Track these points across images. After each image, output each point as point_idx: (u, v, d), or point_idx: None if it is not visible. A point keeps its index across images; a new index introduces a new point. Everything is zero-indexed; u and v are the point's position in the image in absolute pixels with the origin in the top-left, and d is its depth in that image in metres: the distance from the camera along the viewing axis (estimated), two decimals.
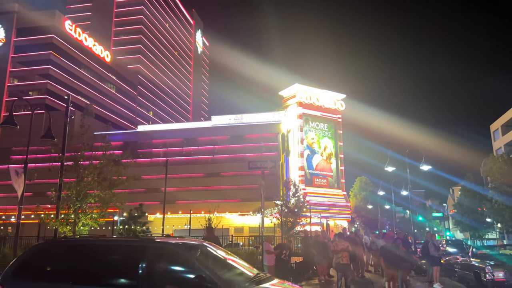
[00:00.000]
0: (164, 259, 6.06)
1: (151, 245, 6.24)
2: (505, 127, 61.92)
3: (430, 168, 19.60)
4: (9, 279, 6.01)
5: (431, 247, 13.91)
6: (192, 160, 59.42)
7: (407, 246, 13.53)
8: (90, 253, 6.26)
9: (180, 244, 6.47)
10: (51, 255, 6.43)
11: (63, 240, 7.15)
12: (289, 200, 37.71)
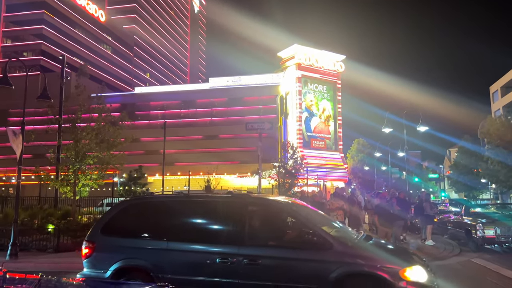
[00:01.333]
0: (268, 215, 5.93)
1: (252, 201, 6.13)
2: (504, 88, 61.55)
3: (427, 129, 19.71)
4: (99, 236, 6.00)
5: (427, 206, 14.28)
6: (190, 122, 59.38)
7: (406, 205, 13.75)
8: (183, 210, 6.12)
9: (284, 201, 6.40)
10: (140, 211, 6.34)
11: (152, 196, 7.00)
12: (287, 162, 38.15)
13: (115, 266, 5.67)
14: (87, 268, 5.93)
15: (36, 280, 3.40)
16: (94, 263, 5.88)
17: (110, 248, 5.92)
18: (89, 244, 5.99)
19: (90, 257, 5.93)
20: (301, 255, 5.21)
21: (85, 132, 14.34)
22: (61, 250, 12.11)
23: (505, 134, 42.07)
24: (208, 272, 5.36)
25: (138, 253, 5.73)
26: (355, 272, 5.02)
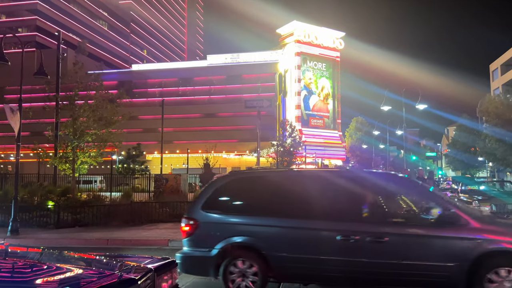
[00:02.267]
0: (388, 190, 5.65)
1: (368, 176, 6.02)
2: (504, 66, 61.12)
3: (426, 107, 19.66)
4: (200, 213, 5.70)
5: (431, 183, 14.43)
6: (189, 100, 59.04)
7: None
8: (294, 185, 5.81)
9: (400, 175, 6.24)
10: (245, 187, 6.00)
11: (258, 171, 6.71)
12: (285, 140, 38.26)
13: (222, 244, 5.39)
14: (189, 247, 5.68)
15: (38, 254, 3.44)
16: (197, 242, 5.62)
17: (214, 225, 5.63)
18: (190, 221, 5.68)
19: (192, 235, 5.65)
20: (434, 232, 5.00)
21: (83, 110, 14.28)
22: (61, 226, 12.24)
23: (504, 112, 42.05)
24: (327, 250, 5.11)
25: (247, 231, 5.47)
26: (495, 249, 4.82)
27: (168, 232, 11.20)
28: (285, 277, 5.49)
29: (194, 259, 5.63)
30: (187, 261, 5.63)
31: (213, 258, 5.37)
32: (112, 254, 3.71)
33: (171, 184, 16.59)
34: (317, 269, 5.16)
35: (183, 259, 5.61)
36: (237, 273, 5.28)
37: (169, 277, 3.36)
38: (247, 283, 5.22)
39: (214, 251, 5.41)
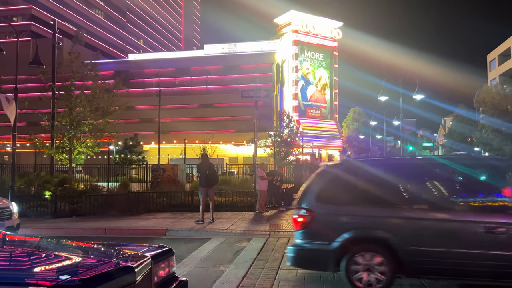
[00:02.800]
0: None
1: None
2: (502, 57, 61.11)
3: (423, 97, 19.69)
4: (315, 204, 5.36)
5: None
6: (185, 90, 58.81)
7: None
8: (424, 174, 5.47)
9: None
10: (361, 176, 5.55)
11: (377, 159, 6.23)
12: (282, 130, 38.23)
13: (344, 237, 5.03)
14: (304, 240, 5.32)
15: (36, 242, 3.46)
16: (313, 234, 5.26)
17: (334, 217, 5.29)
18: (304, 212, 5.32)
19: (307, 227, 5.28)
20: None
21: (79, 100, 14.22)
22: (58, 216, 12.28)
23: (500, 103, 42.18)
24: (469, 244, 4.78)
25: (372, 223, 5.13)
26: None
27: (166, 222, 11.26)
28: (416, 271, 5.02)
29: (310, 253, 5.28)
30: (301, 254, 5.34)
31: (333, 252, 5.05)
32: (109, 242, 3.74)
33: (168, 174, 16.61)
34: (456, 263, 4.80)
35: (297, 252, 5.34)
36: (362, 267, 4.94)
37: (166, 265, 3.40)
38: (374, 278, 4.90)
39: (335, 244, 5.06)
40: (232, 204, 13.74)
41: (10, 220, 8.20)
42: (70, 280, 2.27)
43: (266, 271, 6.17)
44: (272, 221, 11.44)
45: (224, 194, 14.16)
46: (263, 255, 7.38)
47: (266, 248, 7.97)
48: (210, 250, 7.91)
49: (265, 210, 13.23)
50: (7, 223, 8.11)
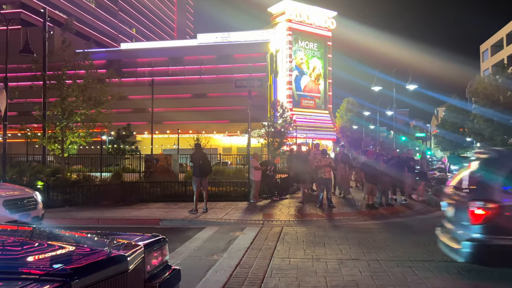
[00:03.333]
0: None
1: None
2: (494, 47, 61.33)
3: (416, 87, 19.75)
4: (502, 194, 4.89)
5: (424, 164, 14.66)
6: (179, 80, 58.41)
7: (403, 164, 13.52)
8: None
9: None
10: None
11: None
12: (276, 121, 38.14)
13: None
14: (485, 234, 4.84)
15: (29, 232, 3.45)
16: (500, 228, 4.79)
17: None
18: (487, 204, 4.83)
19: (490, 220, 4.80)
20: None
21: (71, 89, 14.08)
22: (51, 206, 12.20)
23: (492, 93, 42.45)
24: None
25: None
26: None
27: (159, 212, 11.27)
28: None
29: (498, 248, 4.83)
30: (485, 250, 4.89)
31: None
32: (102, 232, 3.74)
33: (161, 164, 16.57)
34: None
35: (477, 248, 4.89)
36: None
37: (159, 254, 3.41)
38: None
39: None
40: (225, 194, 13.76)
41: (36, 210, 7.89)
42: (62, 268, 2.27)
43: (259, 260, 6.22)
44: (265, 210, 11.50)
45: (218, 184, 14.16)
46: (256, 244, 7.42)
47: (259, 237, 8.02)
48: (203, 239, 7.94)
49: (259, 200, 13.28)
50: (32, 213, 7.82)
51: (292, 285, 5.01)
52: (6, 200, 7.40)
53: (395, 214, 11.12)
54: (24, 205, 7.74)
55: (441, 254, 6.45)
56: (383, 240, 7.77)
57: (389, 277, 5.29)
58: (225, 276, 5.40)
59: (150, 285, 3.11)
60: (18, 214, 7.47)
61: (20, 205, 7.64)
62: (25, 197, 7.86)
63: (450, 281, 5.18)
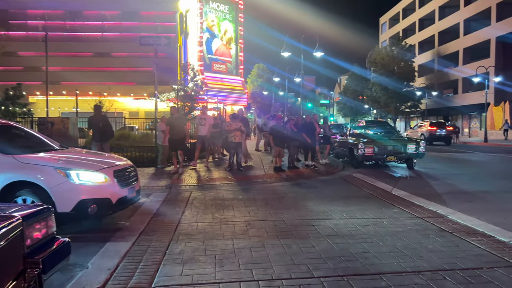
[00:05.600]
0: None
1: None
2: (392, 20, 66.08)
3: (322, 54, 20.44)
4: None
5: (326, 128, 15.33)
6: (78, 36, 53.32)
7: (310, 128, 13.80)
8: None
9: None
10: None
11: None
12: (187, 84, 37.11)
13: None
14: None
15: None
16: None
17: None
18: None
19: None
20: None
21: None
22: None
23: (389, 63, 46.09)
24: None
25: None
26: None
27: None
28: None
29: None
30: None
31: None
32: None
33: (58, 128, 15.10)
34: None
35: None
36: None
37: (43, 226, 2.98)
38: None
39: None
40: (131, 160, 12.98)
41: (137, 182, 6.67)
42: None
43: (165, 226, 5.97)
44: (173, 176, 11.16)
45: (123, 149, 13.38)
46: (162, 210, 7.15)
47: (166, 203, 7.75)
48: None
49: (167, 165, 12.86)
50: (136, 186, 6.55)
51: (199, 249, 4.87)
52: (115, 171, 5.99)
53: (301, 176, 11.56)
54: (130, 176, 6.39)
55: (340, 210, 6.84)
56: (289, 200, 8.00)
57: (293, 235, 5.42)
58: (127, 245, 5.06)
59: (31, 261, 2.71)
60: (127, 189, 6.11)
61: (127, 176, 6.27)
62: (127, 165, 6.51)
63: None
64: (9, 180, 5.33)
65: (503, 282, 3.73)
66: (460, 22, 46.44)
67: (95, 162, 6.14)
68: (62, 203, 5.34)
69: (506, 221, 6.16)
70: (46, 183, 5.35)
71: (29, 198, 5.33)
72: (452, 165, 14.84)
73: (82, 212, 5.46)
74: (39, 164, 5.55)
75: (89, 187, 5.58)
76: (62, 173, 5.46)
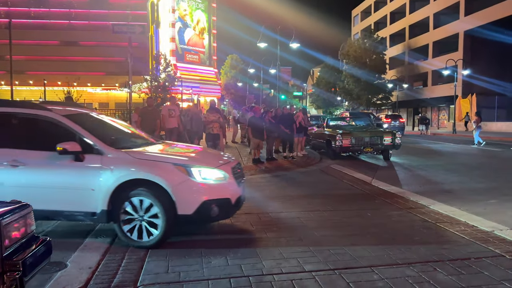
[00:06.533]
0: None
1: None
2: (364, 13, 66.87)
3: (298, 46, 20.39)
4: None
5: (306, 119, 15.30)
6: (44, 24, 51.24)
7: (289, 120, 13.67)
8: None
9: None
10: None
11: None
12: (159, 75, 36.38)
13: None
14: None
15: None
16: None
17: None
18: None
19: None
20: None
21: None
22: None
23: (361, 55, 46.68)
24: None
25: None
26: None
27: None
28: None
29: None
30: None
31: None
32: None
33: None
34: None
35: None
36: None
37: (22, 224, 2.75)
38: None
39: None
40: None
41: (244, 178, 5.71)
42: None
43: None
44: None
45: None
46: None
47: None
48: None
49: None
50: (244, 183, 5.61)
51: (186, 242, 4.71)
52: (232, 168, 5.15)
53: (280, 168, 11.50)
54: (241, 173, 5.50)
55: (323, 202, 6.82)
56: (271, 192, 7.93)
57: (279, 228, 5.34)
58: (106, 241, 4.83)
59: (10, 263, 2.49)
60: (242, 187, 5.28)
61: (240, 173, 5.41)
62: (237, 161, 5.64)
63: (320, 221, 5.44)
64: (123, 178, 4.58)
65: (492, 273, 3.77)
66: (430, 16, 47.46)
67: (211, 158, 5.51)
68: (184, 205, 4.61)
69: (485, 210, 6.30)
70: (167, 181, 4.57)
71: (146, 199, 4.59)
72: (426, 156, 15.18)
73: (205, 215, 4.70)
74: (156, 160, 4.85)
75: (211, 186, 4.82)
76: (183, 170, 4.71)
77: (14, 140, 4.94)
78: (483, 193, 7.88)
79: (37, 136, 5.04)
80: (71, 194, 4.68)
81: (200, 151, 5.98)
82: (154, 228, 4.57)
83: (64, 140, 4.55)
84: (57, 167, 4.69)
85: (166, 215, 4.52)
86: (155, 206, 4.54)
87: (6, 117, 4.98)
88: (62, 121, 4.84)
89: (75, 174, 4.69)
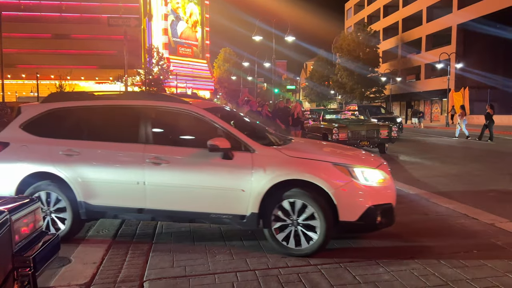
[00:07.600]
0: None
1: None
2: (357, 6, 66.79)
3: (294, 39, 20.36)
4: None
5: (301, 113, 15.32)
6: (35, 17, 50.53)
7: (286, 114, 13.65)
8: None
9: None
10: None
11: None
12: (152, 68, 36.13)
13: None
14: None
15: None
16: None
17: None
18: None
19: None
20: None
21: None
22: None
23: (354, 49, 46.68)
24: None
25: None
26: None
27: None
28: None
29: None
30: None
31: None
32: None
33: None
34: None
35: None
36: None
37: (31, 220, 2.73)
38: None
39: None
40: None
41: None
42: None
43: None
44: None
45: None
46: None
47: None
48: None
49: None
50: None
51: (186, 236, 4.70)
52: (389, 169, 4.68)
53: None
54: None
55: None
56: None
57: None
58: (109, 236, 4.80)
59: (20, 259, 2.48)
60: None
61: None
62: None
63: None
64: (277, 179, 4.14)
65: (496, 265, 3.81)
66: (423, 9, 47.56)
67: (365, 156, 4.96)
68: (347, 210, 4.12)
69: (484, 203, 6.37)
70: (329, 183, 4.09)
71: (298, 200, 4.15)
72: (421, 149, 15.29)
73: (370, 223, 4.16)
74: (314, 159, 4.30)
75: (375, 190, 4.27)
76: (344, 171, 4.18)
77: (155, 135, 4.53)
78: (481, 185, 7.96)
79: (178, 132, 4.73)
80: (220, 195, 4.28)
81: (350, 149, 5.41)
82: (312, 231, 4.10)
83: (206, 136, 4.19)
84: (205, 166, 4.30)
85: (326, 220, 4.06)
86: (309, 207, 4.10)
87: (146, 111, 4.62)
88: (205, 115, 4.46)
89: (224, 173, 4.26)
